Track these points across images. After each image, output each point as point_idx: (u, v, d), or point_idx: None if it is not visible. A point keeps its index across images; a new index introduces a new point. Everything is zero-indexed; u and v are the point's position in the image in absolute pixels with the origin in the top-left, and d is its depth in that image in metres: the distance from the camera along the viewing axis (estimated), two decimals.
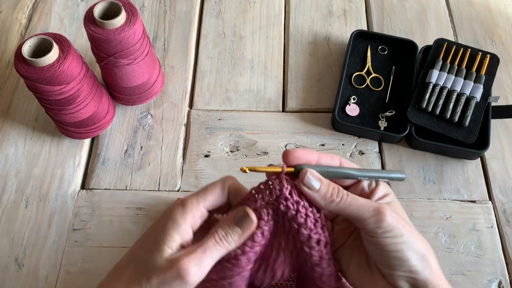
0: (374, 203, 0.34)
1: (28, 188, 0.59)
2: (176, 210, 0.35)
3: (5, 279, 0.53)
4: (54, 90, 0.53)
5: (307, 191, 0.34)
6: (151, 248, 0.34)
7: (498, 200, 0.59)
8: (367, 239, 0.34)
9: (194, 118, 0.65)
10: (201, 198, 0.35)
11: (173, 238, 0.34)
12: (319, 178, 0.35)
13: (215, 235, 0.34)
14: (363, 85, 0.67)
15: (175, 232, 0.34)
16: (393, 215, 0.33)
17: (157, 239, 0.34)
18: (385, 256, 0.33)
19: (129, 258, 0.35)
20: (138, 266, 0.34)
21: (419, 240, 0.34)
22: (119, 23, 0.54)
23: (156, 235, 0.34)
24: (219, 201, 0.36)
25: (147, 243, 0.35)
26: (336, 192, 0.35)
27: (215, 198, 0.36)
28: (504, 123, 0.65)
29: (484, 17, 0.75)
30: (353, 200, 0.34)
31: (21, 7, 0.76)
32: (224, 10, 0.76)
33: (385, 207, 0.33)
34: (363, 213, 0.34)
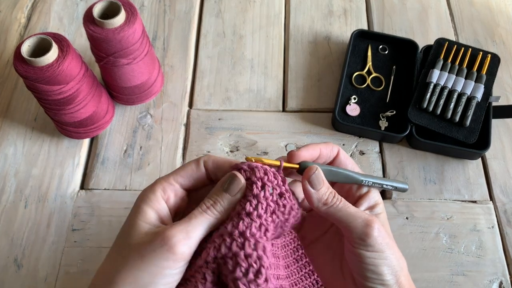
0: (364, 214, 0.35)
1: (27, 188, 0.59)
2: (145, 189, 0.34)
3: (4, 280, 0.53)
4: (53, 89, 0.53)
5: (308, 188, 0.35)
6: (127, 230, 0.32)
7: (499, 200, 0.59)
8: (349, 247, 0.35)
9: (194, 118, 0.65)
10: (171, 174, 0.34)
11: (146, 212, 0.32)
12: (323, 179, 0.35)
13: (202, 205, 0.33)
14: (363, 85, 0.66)
15: (147, 206, 0.32)
16: (381, 230, 0.34)
17: (131, 219, 0.32)
18: (362, 267, 0.34)
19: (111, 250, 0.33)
20: (118, 250, 0.32)
21: (396, 258, 0.35)
22: (118, 22, 0.54)
23: (130, 216, 0.33)
24: (193, 175, 0.35)
25: (124, 227, 0.33)
26: (332, 197, 0.35)
27: (187, 172, 0.35)
28: (505, 123, 0.64)
29: (485, 16, 0.75)
30: (344, 206, 0.35)
31: (20, 7, 0.76)
32: (224, 9, 0.75)
33: (374, 221, 0.34)
34: (351, 222, 0.34)
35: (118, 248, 0.32)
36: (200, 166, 0.35)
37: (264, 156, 0.62)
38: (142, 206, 0.32)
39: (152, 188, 0.33)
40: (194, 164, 0.35)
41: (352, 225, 0.34)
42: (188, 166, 0.35)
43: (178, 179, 0.34)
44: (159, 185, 0.33)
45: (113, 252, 0.32)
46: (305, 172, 0.35)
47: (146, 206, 0.32)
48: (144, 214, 0.32)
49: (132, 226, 0.32)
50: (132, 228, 0.32)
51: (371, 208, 0.37)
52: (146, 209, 0.32)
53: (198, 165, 0.35)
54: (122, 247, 0.32)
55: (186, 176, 0.35)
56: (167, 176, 0.34)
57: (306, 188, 0.35)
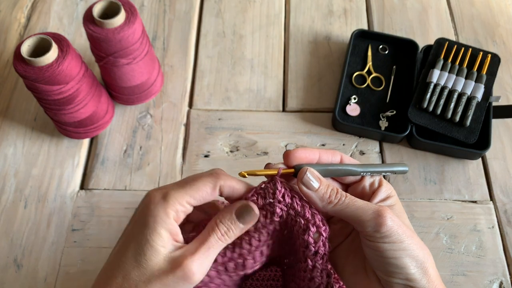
0: (374, 205, 0.33)
1: (27, 188, 0.59)
2: (156, 205, 0.32)
3: (4, 280, 0.53)
4: (53, 89, 0.53)
5: (306, 191, 0.34)
6: (144, 252, 0.31)
7: (499, 200, 0.59)
8: (365, 243, 0.33)
9: (194, 118, 0.65)
10: (185, 194, 0.33)
11: (161, 235, 0.31)
12: (318, 177, 0.34)
13: (217, 231, 0.33)
14: (363, 85, 0.66)
15: (161, 228, 0.31)
16: (394, 219, 0.32)
17: (147, 241, 0.31)
18: (383, 262, 0.32)
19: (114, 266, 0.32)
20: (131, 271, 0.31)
21: (419, 247, 0.33)
22: (118, 22, 0.54)
23: (143, 236, 0.32)
24: (207, 199, 0.34)
25: (133, 245, 0.32)
26: (334, 193, 0.34)
27: (202, 195, 0.33)
28: (505, 123, 0.64)
29: (485, 16, 0.75)
30: (351, 201, 0.33)
31: (20, 7, 0.76)
32: (224, 9, 0.75)
33: (385, 210, 0.32)
34: (362, 216, 0.33)
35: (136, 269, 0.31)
36: (215, 191, 0.34)
37: (264, 156, 0.62)
38: (156, 228, 0.31)
39: (165, 210, 0.32)
40: (210, 188, 0.33)
41: (363, 218, 0.33)
42: (203, 188, 0.33)
43: (191, 201, 0.33)
44: (172, 207, 0.32)
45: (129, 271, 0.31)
46: (298, 175, 0.34)
47: (160, 228, 0.31)
48: (159, 237, 0.31)
49: (150, 248, 0.31)
50: (150, 251, 0.31)
51: (382, 201, 0.36)
52: (161, 232, 0.31)
53: (214, 189, 0.34)
54: (141, 268, 0.31)
55: (199, 199, 0.33)
56: (181, 195, 0.33)
57: (304, 191, 0.34)
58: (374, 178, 0.37)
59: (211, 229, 0.33)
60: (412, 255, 0.32)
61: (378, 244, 0.32)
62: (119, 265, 0.32)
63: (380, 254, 0.32)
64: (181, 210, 0.33)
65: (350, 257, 0.37)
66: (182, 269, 0.31)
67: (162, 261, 0.31)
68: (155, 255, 0.31)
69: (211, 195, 0.34)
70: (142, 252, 0.31)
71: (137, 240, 0.32)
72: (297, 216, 0.34)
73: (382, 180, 0.37)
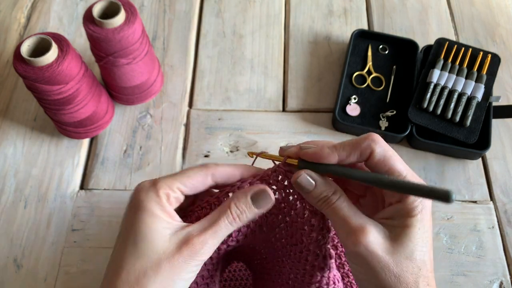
0: (356, 222, 0.30)
1: (26, 188, 0.59)
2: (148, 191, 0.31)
3: (4, 280, 0.53)
4: (53, 89, 0.53)
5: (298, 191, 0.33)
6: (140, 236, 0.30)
7: (500, 200, 0.59)
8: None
9: (194, 118, 0.65)
10: (175, 180, 0.32)
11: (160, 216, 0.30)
12: (311, 183, 0.32)
13: (229, 214, 0.32)
14: (363, 85, 0.66)
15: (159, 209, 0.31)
16: (370, 245, 0.29)
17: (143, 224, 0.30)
18: (354, 279, 0.32)
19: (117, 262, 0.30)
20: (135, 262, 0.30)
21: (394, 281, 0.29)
22: (118, 22, 0.53)
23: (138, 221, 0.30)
24: (198, 187, 0.33)
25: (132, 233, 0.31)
26: (322, 201, 0.32)
27: (193, 183, 0.33)
28: (506, 123, 0.64)
29: (485, 16, 0.75)
30: (335, 209, 0.31)
31: (20, 7, 0.76)
32: (224, 9, 0.75)
33: (363, 233, 0.29)
34: (339, 229, 0.31)
35: (140, 259, 0.30)
36: (207, 179, 0.33)
37: None
38: (152, 209, 0.30)
39: (157, 193, 0.31)
40: (201, 177, 0.33)
41: (338, 232, 0.31)
42: (194, 176, 0.33)
43: (182, 188, 0.33)
44: (163, 191, 0.31)
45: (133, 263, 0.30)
46: (292, 177, 0.33)
47: (156, 209, 0.31)
48: (157, 219, 0.30)
49: (150, 232, 0.30)
50: (152, 234, 0.30)
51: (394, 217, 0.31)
52: (158, 213, 0.31)
53: (205, 178, 0.33)
54: (145, 256, 0.30)
55: (190, 187, 0.33)
56: (171, 181, 0.32)
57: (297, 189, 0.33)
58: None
59: (223, 211, 0.32)
60: (379, 286, 0.30)
61: (349, 260, 0.31)
62: (122, 259, 0.30)
63: (352, 270, 0.32)
64: (173, 195, 0.32)
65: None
66: (189, 247, 0.30)
67: (167, 242, 0.30)
68: (158, 237, 0.30)
69: (203, 183, 0.33)
70: (143, 238, 0.30)
71: (134, 228, 0.30)
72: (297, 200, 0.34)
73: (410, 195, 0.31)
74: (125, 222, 0.32)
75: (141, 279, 0.29)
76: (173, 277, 0.30)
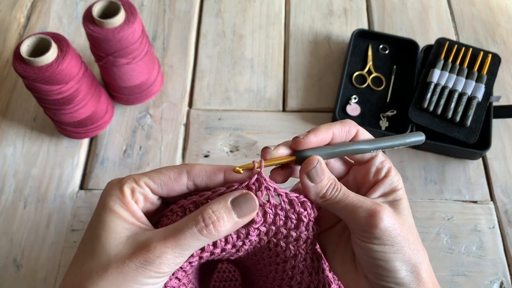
0: (368, 202, 0.30)
1: (26, 188, 0.59)
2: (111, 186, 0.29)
3: (3, 280, 0.53)
4: (52, 89, 0.53)
5: (306, 183, 0.31)
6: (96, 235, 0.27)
7: (500, 200, 0.58)
8: (355, 240, 0.31)
9: (194, 118, 0.65)
10: (143, 176, 0.29)
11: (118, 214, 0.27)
12: (323, 171, 0.31)
13: (199, 221, 0.27)
14: (364, 85, 0.66)
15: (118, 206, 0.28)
16: (389, 220, 0.29)
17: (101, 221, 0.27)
18: (372, 263, 0.30)
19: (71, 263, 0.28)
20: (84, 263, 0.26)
21: (414, 250, 0.30)
22: (118, 22, 0.53)
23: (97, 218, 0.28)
24: (169, 185, 0.30)
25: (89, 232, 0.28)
26: (331, 189, 0.31)
27: (162, 180, 0.29)
28: (506, 122, 0.64)
29: (486, 16, 0.75)
30: (343, 196, 0.31)
31: (19, 6, 0.76)
32: (224, 9, 0.75)
33: (382, 210, 0.29)
34: (353, 213, 0.30)
35: (89, 259, 0.27)
36: (180, 178, 0.30)
37: None
38: (112, 206, 0.28)
39: (120, 188, 0.28)
40: (173, 174, 0.30)
41: (353, 216, 0.30)
42: (165, 173, 0.30)
43: (150, 184, 0.29)
44: (127, 185, 0.29)
45: (82, 263, 0.27)
46: (303, 165, 0.31)
47: (116, 206, 0.28)
48: (116, 216, 0.27)
49: (106, 230, 0.27)
50: (107, 233, 0.27)
51: (386, 195, 0.32)
52: (118, 210, 0.27)
53: (179, 176, 0.30)
54: (94, 257, 0.26)
55: (160, 184, 0.30)
56: (138, 176, 0.29)
57: (305, 182, 0.31)
58: (382, 163, 0.33)
59: (193, 217, 0.27)
60: (403, 259, 0.29)
61: (368, 244, 0.30)
62: (73, 259, 0.28)
63: (369, 255, 0.30)
64: (139, 191, 0.29)
65: (340, 246, 0.34)
66: (143, 254, 0.26)
67: (122, 245, 0.26)
68: (112, 237, 0.26)
69: (177, 181, 0.30)
70: (97, 237, 0.27)
71: (93, 225, 0.28)
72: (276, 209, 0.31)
73: (391, 170, 0.33)
74: (90, 221, 0.29)
75: (84, 281, 0.26)
76: (121, 285, 0.26)
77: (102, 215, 0.28)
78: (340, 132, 0.33)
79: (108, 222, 0.27)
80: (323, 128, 0.32)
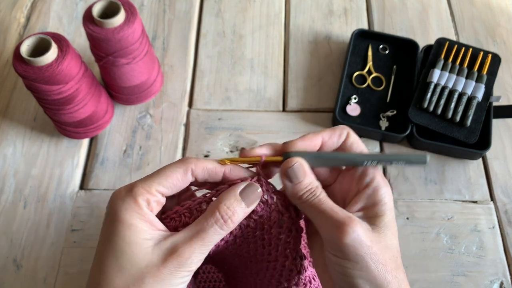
0: (342, 214, 0.29)
1: (26, 188, 0.59)
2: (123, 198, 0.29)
3: (3, 280, 0.53)
4: (52, 89, 0.53)
5: (284, 182, 0.31)
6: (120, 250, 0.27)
7: (500, 200, 0.58)
8: (325, 247, 0.31)
9: (194, 118, 0.65)
10: (152, 182, 0.30)
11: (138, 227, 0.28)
12: (305, 173, 0.31)
13: (219, 218, 0.29)
14: (364, 85, 0.66)
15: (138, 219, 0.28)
16: (357, 236, 0.28)
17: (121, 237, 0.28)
18: (336, 275, 0.30)
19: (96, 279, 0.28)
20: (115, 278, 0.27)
21: (381, 270, 0.29)
22: (118, 22, 0.53)
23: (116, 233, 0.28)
24: (178, 185, 0.31)
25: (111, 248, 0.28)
26: (309, 193, 0.31)
27: (172, 182, 0.30)
28: (506, 123, 0.64)
29: (486, 16, 0.75)
30: (318, 203, 0.30)
31: (19, 6, 0.76)
32: (224, 9, 0.75)
33: (350, 225, 0.28)
34: (322, 222, 0.30)
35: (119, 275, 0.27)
36: (187, 176, 0.31)
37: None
38: (130, 220, 0.28)
39: (135, 200, 0.29)
40: (180, 173, 0.31)
41: (322, 225, 0.30)
42: (173, 176, 0.30)
43: (161, 189, 0.30)
44: (141, 197, 0.29)
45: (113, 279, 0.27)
46: (283, 164, 0.31)
47: (134, 220, 0.28)
48: (137, 230, 0.28)
49: (130, 245, 0.28)
50: (132, 247, 0.28)
51: (366, 209, 0.31)
52: (137, 223, 0.28)
53: (186, 174, 0.31)
54: (125, 272, 0.27)
55: (170, 187, 0.30)
56: (149, 184, 0.30)
57: (283, 181, 0.31)
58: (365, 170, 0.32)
59: (211, 215, 0.29)
60: (367, 277, 0.29)
61: (332, 256, 0.29)
62: (101, 274, 0.28)
63: (333, 267, 0.30)
64: (153, 200, 0.30)
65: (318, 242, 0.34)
66: (175, 258, 0.27)
67: (150, 255, 0.28)
68: (138, 250, 0.28)
69: (183, 181, 0.31)
70: (122, 252, 0.28)
71: (113, 241, 0.28)
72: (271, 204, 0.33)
73: (375, 178, 0.31)
74: (102, 235, 0.29)
75: None
76: None
77: (121, 230, 0.28)
78: (330, 138, 0.33)
79: (129, 236, 0.28)
80: (312, 134, 0.33)
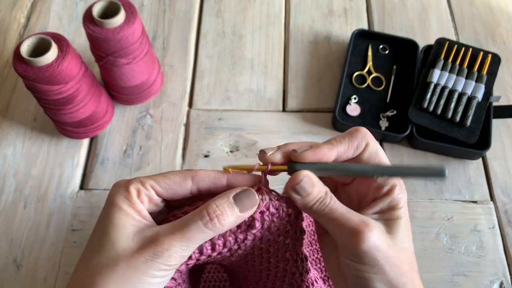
0: (355, 219, 0.29)
1: (26, 188, 0.59)
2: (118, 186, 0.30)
3: (3, 280, 0.53)
4: (52, 89, 0.53)
5: (293, 196, 0.31)
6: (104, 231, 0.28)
7: (500, 200, 0.59)
8: (340, 252, 0.31)
9: (194, 118, 0.65)
10: (150, 178, 0.30)
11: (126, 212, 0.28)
12: (313, 184, 0.30)
13: (204, 215, 0.28)
14: (364, 85, 0.66)
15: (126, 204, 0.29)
16: (374, 241, 0.28)
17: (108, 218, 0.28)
18: (353, 279, 0.30)
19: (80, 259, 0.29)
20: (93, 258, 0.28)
21: (397, 272, 0.29)
22: (118, 22, 0.53)
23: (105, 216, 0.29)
24: (174, 189, 0.31)
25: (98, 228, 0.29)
26: (319, 203, 0.30)
27: (168, 184, 0.31)
28: (506, 123, 0.64)
29: (486, 16, 0.75)
30: (330, 211, 0.30)
31: (19, 6, 0.76)
32: (224, 9, 0.75)
33: (366, 231, 0.28)
34: (337, 229, 0.30)
35: (98, 255, 0.28)
36: (185, 182, 0.31)
37: None
38: (119, 204, 0.29)
39: (127, 188, 0.30)
40: (178, 178, 0.31)
41: (337, 232, 0.30)
42: (171, 177, 0.31)
43: (155, 186, 0.31)
44: (133, 186, 0.30)
45: (91, 258, 0.28)
46: (290, 179, 0.31)
47: (123, 204, 0.29)
48: (124, 214, 0.28)
49: (114, 227, 0.28)
50: (115, 229, 0.28)
51: (382, 212, 0.31)
52: (125, 208, 0.29)
53: (184, 180, 0.31)
54: (103, 252, 0.28)
55: (165, 187, 0.31)
56: (145, 178, 0.31)
57: (291, 195, 0.31)
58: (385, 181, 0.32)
59: (198, 211, 0.29)
60: (384, 280, 0.29)
61: (348, 261, 0.30)
62: (83, 255, 0.29)
63: (350, 271, 0.30)
64: (145, 192, 0.30)
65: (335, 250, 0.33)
66: (152, 246, 0.27)
67: (130, 240, 0.28)
68: (120, 233, 0.28)
69: (181, 186, 0.31)
70: (106, 233, 0.28)
71: (101, 222, 0.29)
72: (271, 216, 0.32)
73: (395, 186, 0.31)
74: (98, 220, 0.30)
75: (95, 276, 0.27)
76: (131, 278, 0.27)
77: (110, 212, 0.29)
78: (346, 152, 0.32)
79: (115, 218, 0.28)
80: (325, 148, 0.31)
